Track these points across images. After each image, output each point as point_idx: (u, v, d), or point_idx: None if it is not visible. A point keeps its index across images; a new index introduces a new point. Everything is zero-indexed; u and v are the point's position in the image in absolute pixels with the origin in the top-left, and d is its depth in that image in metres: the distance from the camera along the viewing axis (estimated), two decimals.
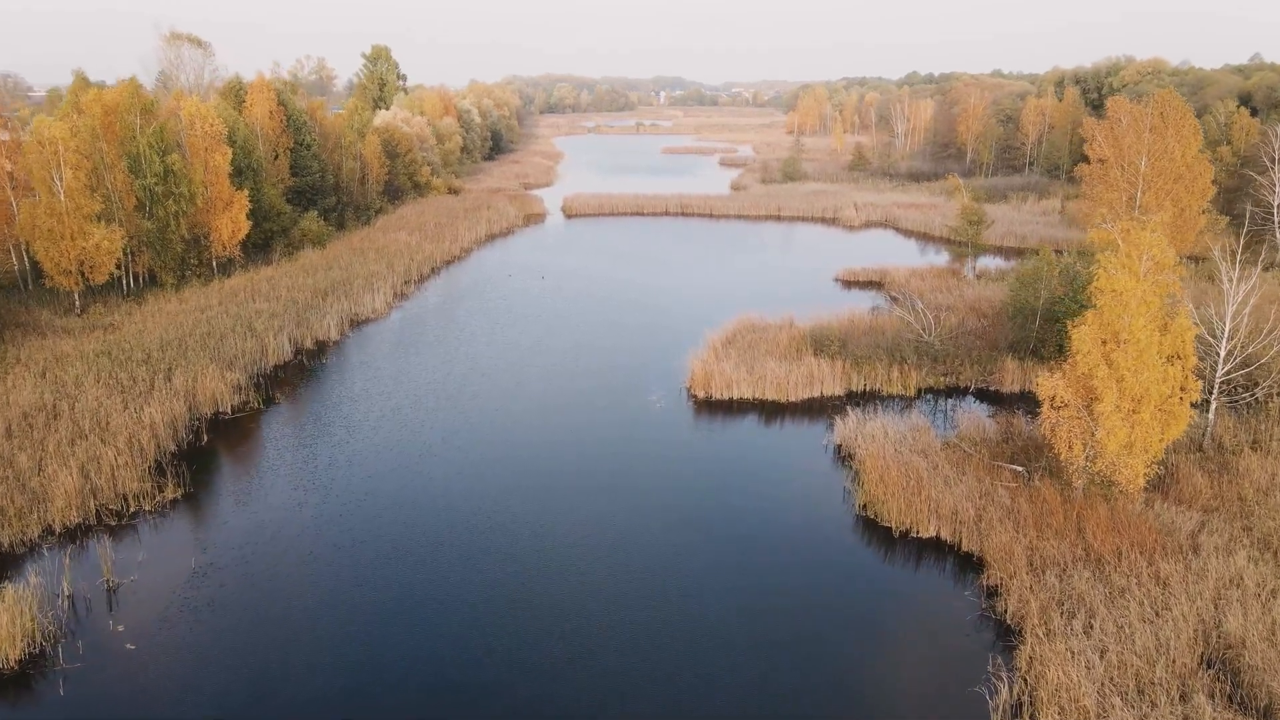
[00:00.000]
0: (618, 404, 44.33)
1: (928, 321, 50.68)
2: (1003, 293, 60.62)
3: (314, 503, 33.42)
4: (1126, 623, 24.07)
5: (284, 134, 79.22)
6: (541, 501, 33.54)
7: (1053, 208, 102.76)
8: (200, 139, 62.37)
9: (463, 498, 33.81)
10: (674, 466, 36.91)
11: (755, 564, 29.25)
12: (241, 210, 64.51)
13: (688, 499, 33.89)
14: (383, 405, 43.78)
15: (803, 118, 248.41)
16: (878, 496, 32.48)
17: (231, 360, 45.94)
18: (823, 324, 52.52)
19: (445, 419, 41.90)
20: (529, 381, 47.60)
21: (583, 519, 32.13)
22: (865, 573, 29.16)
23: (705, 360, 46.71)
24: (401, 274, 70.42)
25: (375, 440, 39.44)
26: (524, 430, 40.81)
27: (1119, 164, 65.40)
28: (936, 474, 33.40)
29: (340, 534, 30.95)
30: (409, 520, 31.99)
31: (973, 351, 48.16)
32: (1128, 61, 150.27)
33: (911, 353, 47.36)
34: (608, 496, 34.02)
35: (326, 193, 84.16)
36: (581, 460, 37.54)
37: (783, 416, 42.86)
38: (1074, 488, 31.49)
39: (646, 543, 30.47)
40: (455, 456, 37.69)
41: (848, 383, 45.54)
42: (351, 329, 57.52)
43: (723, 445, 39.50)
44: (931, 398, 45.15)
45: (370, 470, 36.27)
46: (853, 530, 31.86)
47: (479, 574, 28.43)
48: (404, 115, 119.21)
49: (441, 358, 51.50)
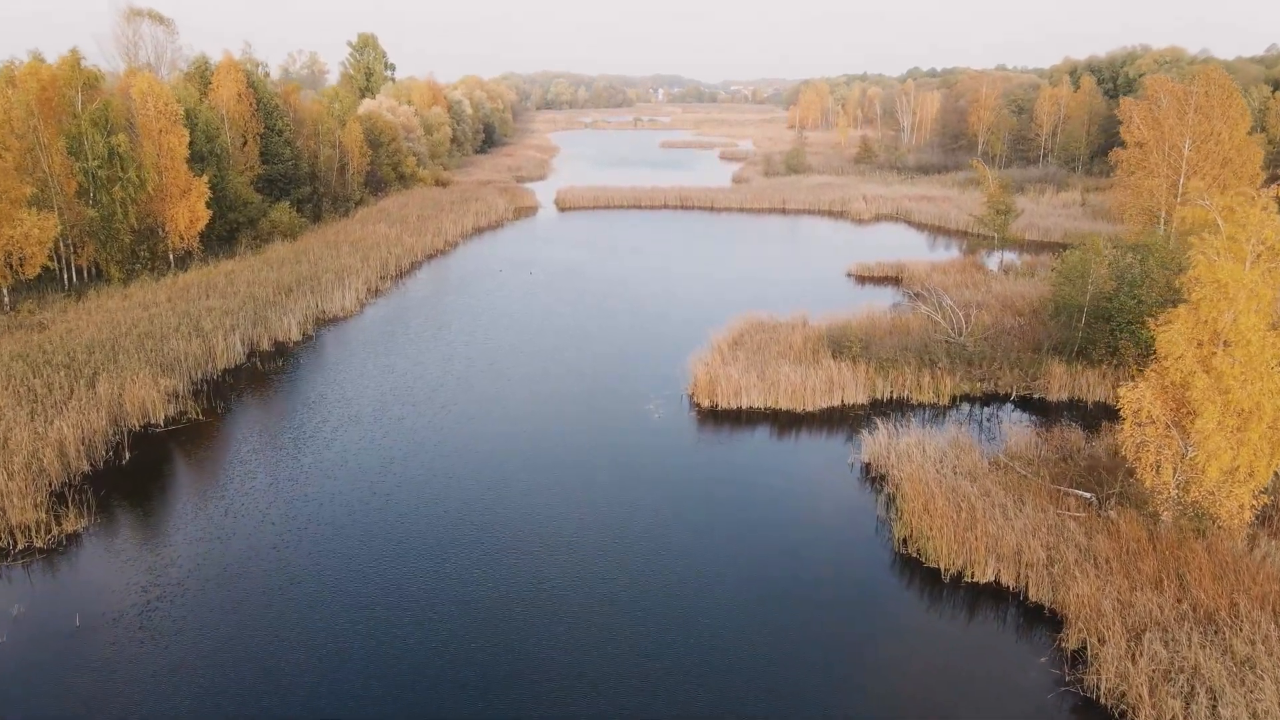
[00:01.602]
0: (609, 414, 38.78)
1: (958, 320, 45.20)
2: (1036, 288, 55.26)
3: (245, 533, 27.85)
4: (1263, 708, 18.56)
5: (254, 118, 73.54)
6: (516, 537, 27.98)
7: (1073, 200, 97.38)
8: (153, 119, 56.73)
9: (424, 528, 28.25)
10: (673, 490, 31.34)
11: (773, 616, 23.70)
12: (200, 198, 58.91)
13: (690, 531, 28.34)
14: (341, 414, 38.21)
15: (804, 112, 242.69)
16: (921, 530, 26.95)
17: (170, 364, 40.34)
18: (840, 323, 47.00)
19: (412, 431, 36.34)
20: (510, 387, 42.05)
21: (568, 555, 26.57)
22: (910, 629, 23.62)
23: (709, 363, 41.17)
24: (378, 269, 64.84)
25: (328, 456, 33.86)
26: (500, 445, 35.24)
27: (1159, 148, 59.86)
28: (988, 501, 27.88)
29: (273, 574, 25.38)
30: (358, 558, 26.42)
31: (1010, 353, 42.65)
32: (1143, 51, 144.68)
33: (943, 355, 41.85)
34: (596, 527, 28.46)
35: (300, 182, 78.51)
36: (566, 484, 31.97)
37: (799, 429, 37.32)
38: (1161, 521, 25.98)
39: (640, 585, 24.93)
40: (419, 476, 32.12)
41: (872, 389, 40.01)
42: (317, 328, 51.92)
43: (730, 464, 33.94)
44: (967, 406, 39.63)
45: (318, 492, 30.68)
46: (891, 571, 26.32)
47: (438, 628, 22.89)
48: (389, 104, 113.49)
49: (414, 360, 45.94)
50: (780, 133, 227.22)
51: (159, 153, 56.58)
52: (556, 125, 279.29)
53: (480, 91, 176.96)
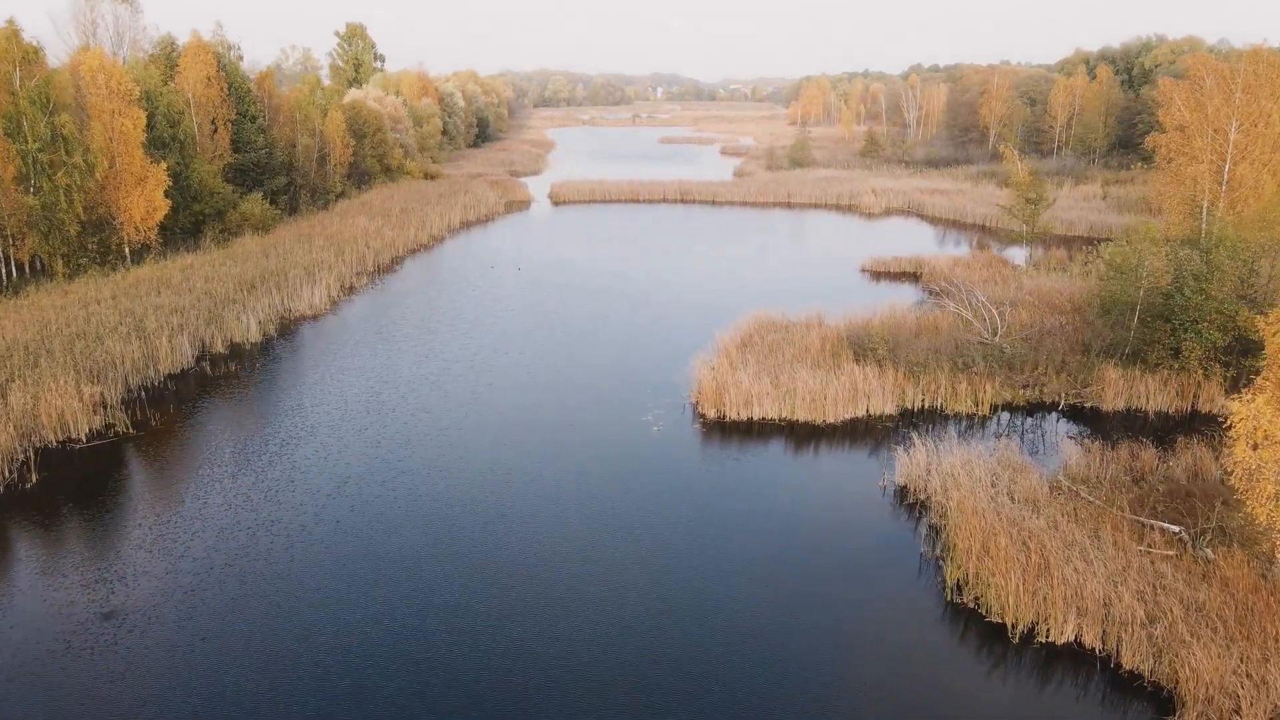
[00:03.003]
0: (600, 427, 33.90)
1: (992, 319, 40.38)
2: (1072, 284, 50.47)
3: (156, 573, 22.95)
4: None
5: (224, 104, 68.58)
6: (483, 579, 23.09)
7: (1093, 193, 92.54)
8: (104, 99, 51.79)
9: (376, 565, 23.36)
10: (675, 520, 26.44)
11: (802, 681, 18.82)
12: (157, 187, 53.97)
13: (697, 573, 23.45)
14: (295, 424, 33.32)
15: (806, 107, 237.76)
16: (979, 573, 22.07)
17: (102, 369, 35.42)
18: (861, 322, 42.14)
19: (374, 444, 31.44)
20: (490, 394, 37.16)
21: (549, 606, 21.68)
22: (970, 698, 18.74)
23: (716, 368, 36.29)
24: (354, 264, 59.95)
25: (272, 475, 28.96)
26: (472, 462, 30.34)
27: (1202, 131, 54.96)
28: (1057, 536, 23.02)
29: (183, 624, 20.48)
30: (291, 607, 21.52)
31: (1055, 356, 37.78)
32: (1159, 40, 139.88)
33: (979, 358, 36.98)
34: (584, 569, 23.57)
35: (275, 172, 73.54)
36: (546, 513, 27.06)
37: (819, 444, 32.44)
38: (1277, 565, 21.13)
39: (637, 633, 20.05)
40: (377, 498, 27.23)
41: (901, 398, 35.12)
42: (281, 328, 46.98)
43: (742, 487, 29.04)
44: (1009, 417, 34.77)
45: (254, 520, 25.78)
46: (943, 625, 21.43)
47: (380, 696, 17.98)
48: (376, 94, 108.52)
49: (385, 362, 41.05)
50: (781, 129, 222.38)
51: (110, 136, 51.63)
52: (553, 122, 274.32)
53: (474, 85, 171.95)
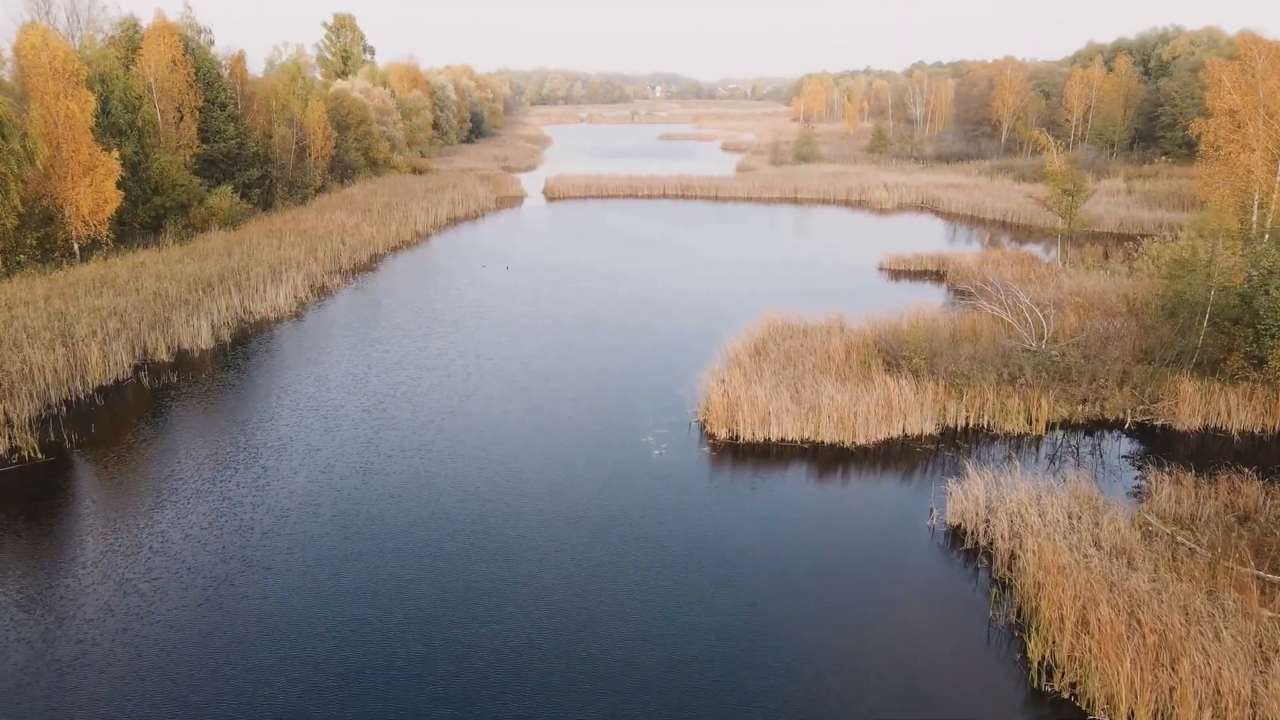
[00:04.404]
0: (593, 451, 29.01)
1: (1037, 322, 35.58)
2: (1114, 282, 45.70)
3: (30, 640, 18.07)
4: None
5: (191, 89, 63.67)
6: (456, 640, 18.21)
7: (1116, 187, 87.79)
8: (46, 80, 46.91)
9: (310, 624, 18.48)
10: (679, 563, 21.55)
11: None
12: (108, 177, 49.05)
13: (701, 627, 18.57)
14: (236, 445, 28.43)
15: (809, 103, 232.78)
16: (1075, 652, 17.21)
17: (12, 384, 30.52)
18: (888, 326, 37.26)
19: (325, 470, 26.56)
20: (466, 410, 32.27)
21: (532, 661, 16.80)
22: None
23: (726, 380, 31.41)
24: (327, 262, 55.07)
25: (199, 510, 24.06)
26: (440, 493, 25.45)
27: (1255, 117, 50.15)
28: (1163, 598, 18.16)
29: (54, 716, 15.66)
30: (196, 681, 16.63)
31: (1114, 365, 32.92)
32: (1177, 32, 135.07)
33: (1029, 368, 32.11)
34: (571, 632, 18.69)
35: (248, 163, 68.59)
36: (531, 556, 22.18)
37: (848, 470, 27.59)
38: None
39: (630, 703, 15.23)
40: (319, 539, 22.34)
41: (941, 415, 30.26)
42: (237, 333, 42.11)
43: (759, 523, 24.14)
44: (1067, 437, 29.92)
45: (166, 570, 20.89)
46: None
47: None
48: (363, 85, 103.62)
49: (350, 371, 36.18)
50: (783, 125, 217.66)
51: (54, 121, 46.74)
52: (550, 119, 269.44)
53: (468, 80, 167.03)
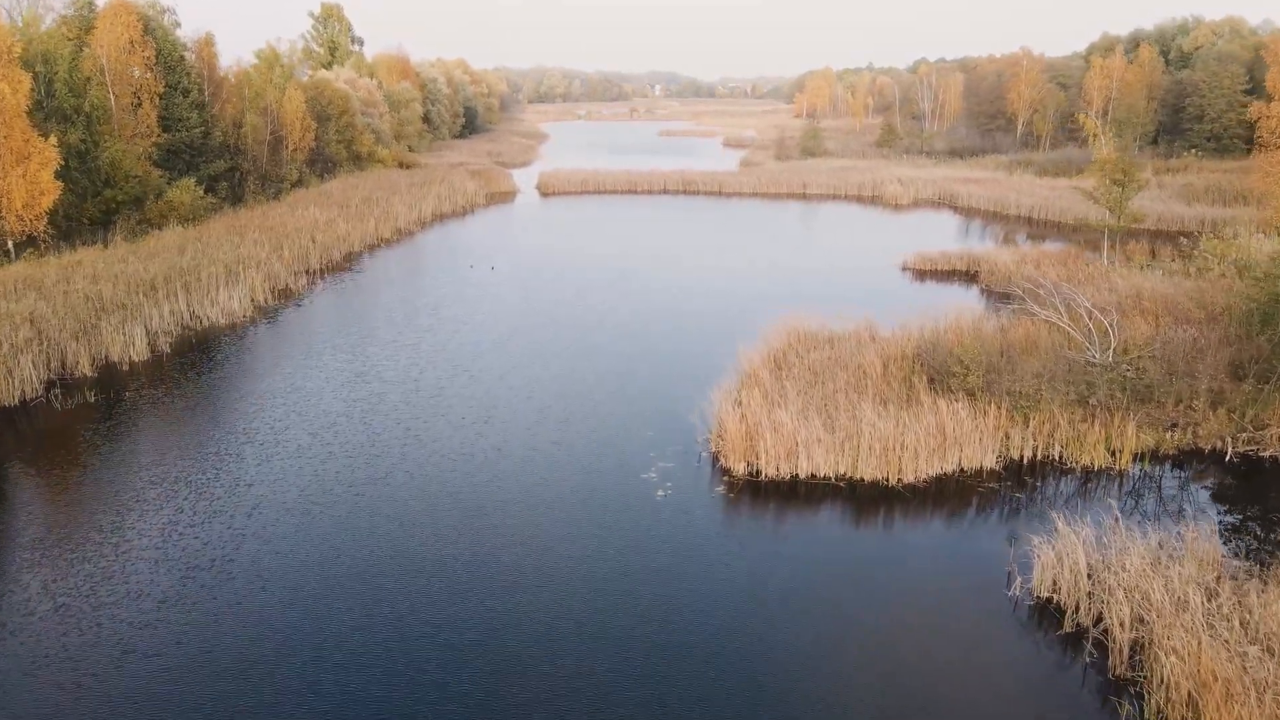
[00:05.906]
0: (584, 491, 23.79)
1: (1101, 331, 30.37)
2: (1173, 284, 40.50)
3: None
4: None
5: (152, 74, 58.47)
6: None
7: (1144, 181, 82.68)
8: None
9: (239, 697, 13.34)
10: (686, 637, 16.35)
11: None
12: (45, 166, 43.88)
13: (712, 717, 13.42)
14: (150, 483, 23.23)
15: (812, 99, 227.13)
16: None
17: None
18: (928, 335, 32.05)
19: (248, 514, 21.35)
20: (433, 434, 27.05)
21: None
22: None
23: (743, 401, 26.21)
24: (293, 261, 49.89)
25: (91, 565, 18.86)
26: (397, 543, 20.24)
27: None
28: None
29: None
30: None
31: (1200, 383, 27.72)
32: (1196, 22, 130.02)
33: (1103, 387, 26.91)
34: (554, 695, 13.54)
35: (214, 154, 63.36)
36: (505, 623, 16.96)
37: (892, 514, 22.41)
38: None
39: None
40: (242, 602, 17.16)
41: (1004, 445, 25.07)
42: (178, 342, 36.94)
43: (785, 585, 18.91)
44: (1155, 471, 24.74)
45: (35, 652, 15.72)
46: None
47: None
48: (348, 75, 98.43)
49: (303, 385, 30.98)
50: (786, 121, 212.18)
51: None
52: (548, 116, 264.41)
53: (462, 73, 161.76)
